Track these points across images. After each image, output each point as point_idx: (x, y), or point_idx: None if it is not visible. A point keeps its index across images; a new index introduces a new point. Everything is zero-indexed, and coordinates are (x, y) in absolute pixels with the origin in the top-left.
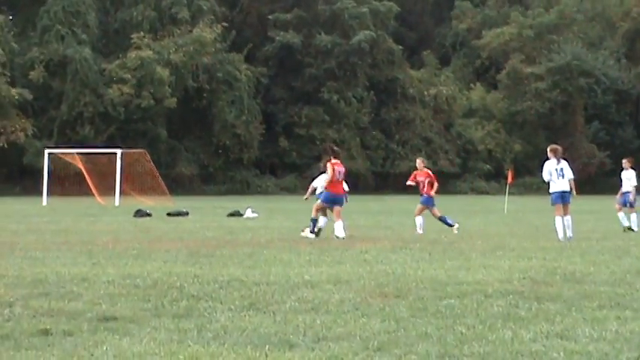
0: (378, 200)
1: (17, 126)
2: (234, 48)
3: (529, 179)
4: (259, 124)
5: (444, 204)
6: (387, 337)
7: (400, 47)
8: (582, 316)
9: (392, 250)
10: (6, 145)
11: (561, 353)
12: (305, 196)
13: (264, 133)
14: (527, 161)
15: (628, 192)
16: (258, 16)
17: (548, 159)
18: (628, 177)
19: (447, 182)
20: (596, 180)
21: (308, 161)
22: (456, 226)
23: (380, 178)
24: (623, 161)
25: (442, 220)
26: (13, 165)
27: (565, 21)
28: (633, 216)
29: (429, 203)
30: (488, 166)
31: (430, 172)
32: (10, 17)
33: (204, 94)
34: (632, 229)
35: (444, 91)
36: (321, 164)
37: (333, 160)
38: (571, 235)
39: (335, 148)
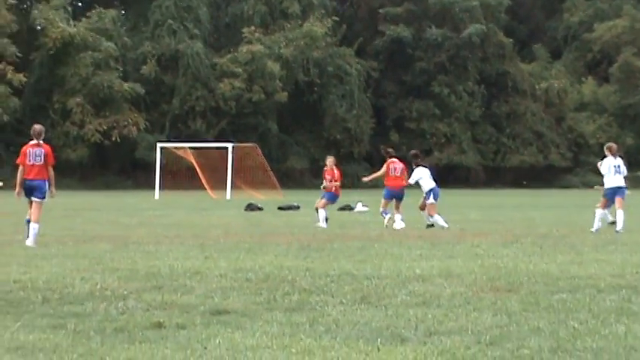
0: (489, 194)
1: (129, 120)
2: (345, 42)
3: None
4: (370, 118)
5: (555, 198)
6: (498, 331)
7: (511, 40)
8: None
9: (503, 244)
10: (119, 140)
11: None
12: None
13: (374, 127)
14: None
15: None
16: (369, 9)
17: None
18: (616, 164)
19: (558, 176)
20: None
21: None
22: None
23: (491, 172)
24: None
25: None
26: (125, 159)
27: None
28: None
29: (332, 199)
30: (600, 160)
31: (335, 172)
32: (123, 12)
33: (315, 88)
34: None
35: (555, 85)
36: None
37: (390, 159)
38: (619, 228)
39: (389, 149)
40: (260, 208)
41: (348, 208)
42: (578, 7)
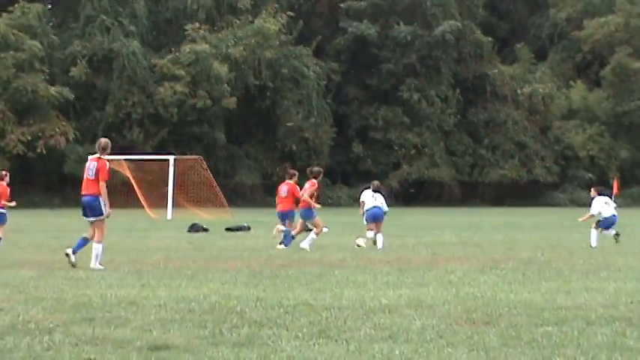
0: (465, 213)
1: (57, 129)
2: (302, 41)
3: (638, 190)
4: (330, 127)
5: (539, 217)
6: None
7: (490, 39)
8: None
9: (480, 270)
10: (44, 151)
11: None
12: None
13: (335, 138)
14: (636, 169)
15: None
16: (329, 4)
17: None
18: (606, 201)
19: (543, 193)
20: None
21: (385, 168)
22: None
23: (467, 188)
24: (593, 189)
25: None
26: (52, 173)
27: None
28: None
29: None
30: (590, 174)
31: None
32: (49, 6)
33: (268, 93)
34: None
35: (540, 90)
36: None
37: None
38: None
39: (292, 170)
40: (205, 229)
41: (306, 229)
42: (566, 1)
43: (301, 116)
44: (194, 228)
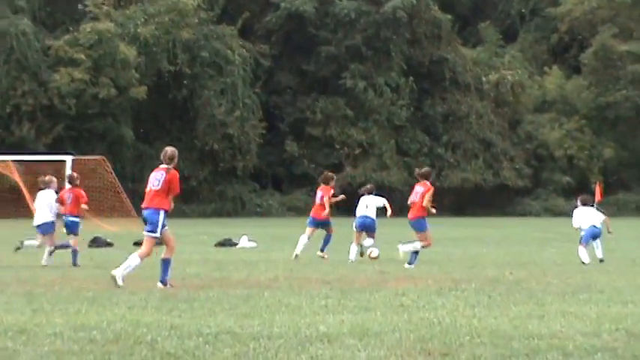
0: None
1: None
2: (225, 18)
3: (625, 196)
4: (258, 122)
5: (508, 229)
6: None
7: (449, 17)
8: None
9: (437, 291)
10: None
11: None
12: None
13: (264, 134)
14: (623, 171)
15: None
16: None
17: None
18: (588, 213)
19: (513, 200)
20: None
21: (324, 171)
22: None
23: None
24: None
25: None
26: None
27: None
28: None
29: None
30: (568, 178)
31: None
32: None
33: (185, 81)
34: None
35: (509, 77)
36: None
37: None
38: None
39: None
40: (109, 244)
41: (230, 243)
42: None
43: (224, 109)
44: (96, 242)
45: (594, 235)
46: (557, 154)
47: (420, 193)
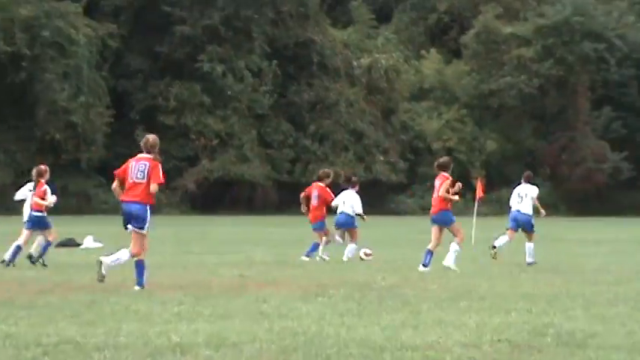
0: (283, 224)
1: None
2: None
3: (509, 192)
4: (105, 109)
5: (381, 229)
6: None
7: None
8: None
9: (302, 298)
10: None
11: None
12: None
13: (112, 123)
14: (506, 165)
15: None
16: None
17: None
18: (520, 192)
19: (386, 196)
20: (608, 194)
21: (178, 164)
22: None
23: (287, 190)
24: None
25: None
26: None
27: None
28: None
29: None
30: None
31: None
32: None
33: (23, 63)
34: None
35: (383, 61)
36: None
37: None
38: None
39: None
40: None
41: (73, 243)
42: None
43: (67, 94)
44: None
45: (521, 222)
46: (435, 146)
47: (437, 187)
